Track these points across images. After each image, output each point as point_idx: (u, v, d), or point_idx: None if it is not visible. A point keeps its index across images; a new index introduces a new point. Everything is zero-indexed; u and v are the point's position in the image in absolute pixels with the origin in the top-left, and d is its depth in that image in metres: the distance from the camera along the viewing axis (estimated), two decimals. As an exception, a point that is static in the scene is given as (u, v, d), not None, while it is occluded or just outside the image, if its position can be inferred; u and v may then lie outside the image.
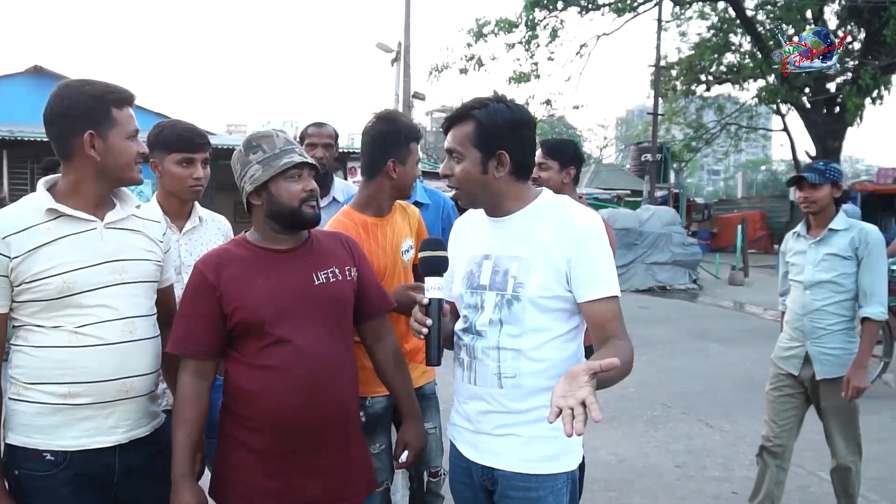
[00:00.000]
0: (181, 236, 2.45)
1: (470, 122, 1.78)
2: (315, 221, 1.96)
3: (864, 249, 3.06)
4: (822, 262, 3.12)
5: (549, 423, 1.69)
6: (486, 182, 1.79)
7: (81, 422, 1.79)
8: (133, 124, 1.86)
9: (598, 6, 19.82)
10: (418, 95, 17.86)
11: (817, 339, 3.14)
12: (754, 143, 39.05)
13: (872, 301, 3.06)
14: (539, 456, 1.77)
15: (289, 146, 1.94)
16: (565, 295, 1.75)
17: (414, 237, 2.59)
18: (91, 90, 1.81)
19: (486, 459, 1.83)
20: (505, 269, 1.79)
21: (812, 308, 3.15)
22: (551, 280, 1.74)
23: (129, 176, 1.88)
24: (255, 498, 1.87)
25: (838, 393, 3.08)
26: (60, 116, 1.80)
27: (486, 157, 1.77)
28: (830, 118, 18.48)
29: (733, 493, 4.01)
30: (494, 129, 1.76)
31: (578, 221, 1.76)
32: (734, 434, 5.03)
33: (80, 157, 1.81)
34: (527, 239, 1.78)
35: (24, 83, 17.51)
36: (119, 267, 1.84)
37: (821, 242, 3.15)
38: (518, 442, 1.78)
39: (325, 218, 3.10)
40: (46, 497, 1.78)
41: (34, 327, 1.78)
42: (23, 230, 1.74)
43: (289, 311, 1.87)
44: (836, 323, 3.13)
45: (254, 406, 1.86)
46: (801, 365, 3.20)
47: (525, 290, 1.75)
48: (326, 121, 3.40)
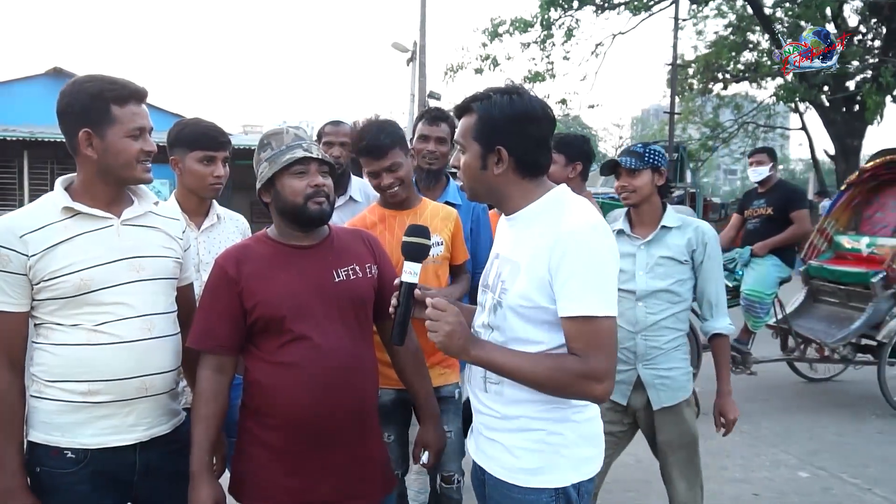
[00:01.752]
0: (199, 234, 2.46)
1: (472, 114, 1.70)
2: (321, 218, 1.91)
3: (702, 252, 2.61)
4: (655, 268, 2.60)
5: (531, 435, 1.66)
6: (486, 177, 1.70)
7: (101, 420, 1.79)
8: (137, 121, 1.81)
9: (613, 5, 19.70)
10: (434, 95, 17.85)
11: (651, 360, 2.59)
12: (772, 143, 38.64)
13: (719, 313, 2.66)
14: (521, 467, 1.68)
15: (296, 142, 1.91)
16: (548, 307, 1.60)
17: (448, 235, 2.60)
18: (90, 87, 1.78)
19: (480, 459, 1.81)
20: (500, 271, 1.72)
21: (647, 324, 2.58)
22: (532, 289, 1.60)
23: (130, 175, 1.83)
24: (273, 495, 1.87)
25: (679, 424, 2.67)
26: (62, 114, 1.80)
27: (486, 152, 1.67)
28: (850, 116, 18.25)
29: (754, 495, 3.96)
30: (493, 123, 1.65)
31: (564, 227, 1.59)
32: (753, 435, 4.97)
33: (82, 156, 1.80)
34: (523, 241, 1.68)
35: (43, 84, 17.74)
36: (136, 264, 1.84)
37: (652, 243, 2.63)
38: (502, 449, 1.72)
39: (342, 216, 3.12)
40: (66, 494, 1.78)
41: (54, 325, 1.78)
42: (40, 228, 1.75)
43: (308, 308, 1.86)
44: (672, 340, 2.61)
45: (272, 403, 1.86)
46: (630, 392, 2.64)
47: (507, 297, 1.66)
48: (343, 119, 3.41)
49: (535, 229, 1.66)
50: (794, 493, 4.00)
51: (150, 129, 1.87)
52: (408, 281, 1.73)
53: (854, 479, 4.18)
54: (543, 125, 1.70)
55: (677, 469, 2.72)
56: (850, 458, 4.53)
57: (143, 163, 1.84)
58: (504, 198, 1.73)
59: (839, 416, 5.43)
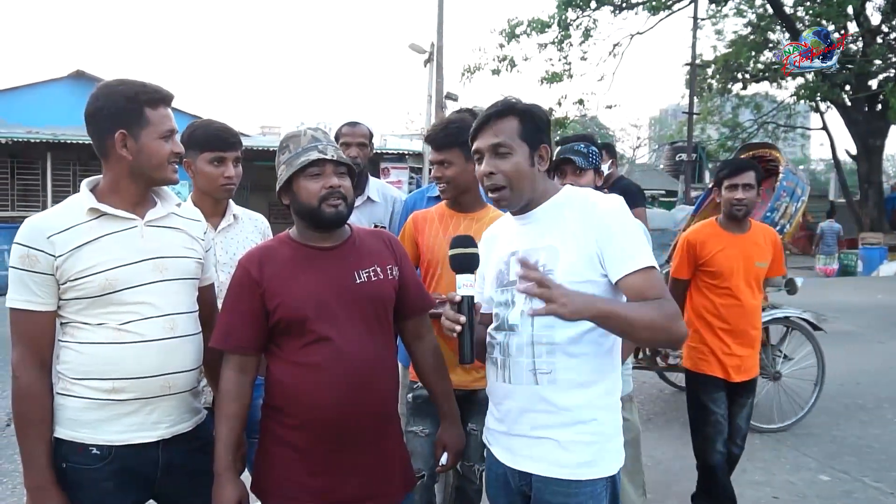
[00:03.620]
0: (216, 234, 2.49)
1: (514, 116, 1.79)
2: (337, 220, 1.91)
3: None
4: None
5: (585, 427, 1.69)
6: (534, 176, 1.81)
7: (126, 417, 1.82)
8: (167, 124, 1.86)
9: (632, 5, 19.63)
10: (451, 96, 17.84)
11: None
12: (792, 143, 38.18)
13: None
14: (576, 461, 1.73)
15: (312, 144, 1.91)
16: (598, 280, 1.72)
17: None
18: (124, 90, 1.82)
19: (522, 464, 1.80)
20: (534, 260, 1.74)
21: None
22: (581, 264, 1.72)
23: (161, 176, 1.88)
24: (296, 494, 1.88)
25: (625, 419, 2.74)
26: (95, 116, 1.83)
27: (533, 151, 1.80)
28: (872, 116, 18.04)
29: (774, 499, 3.92)
30: (539, 123, 1.81)
31: (601, 205, 1.76)
32: (775, 437, 4.93)
33: (115, 157, 1.84)
34: (552, 229, 1.79)
35: (66, 87, 17.97)
36: (160, 264, 1.87)
37: None
38: (554, 446, 1.74)
39: (359, 217, 3.13)
40: (91, 490, 1.81)
41: (80, 324, 1.81)
42: (66, 229, 1.78)
43: (329, 309, 1.87)
44: None
45: (294, 403, 1.87)
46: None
47: (554, 276, 1.69)
48: (360, 120, 3.41)
49: (570, 215, 1.78)
50: (815, 497, 3.96)
51: (176, 132, 1.92)
52: (466, 294, 1.75)
53: (876, 483, 4.13)
54: None
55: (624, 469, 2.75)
56: (871, 462, 4.47)
57: (173, 164, 1.90)
58: (540, 194, 1.84)
59: (860, 419, 5.37)
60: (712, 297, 3.32)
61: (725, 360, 3.29)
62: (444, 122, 2.67)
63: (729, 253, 3.28)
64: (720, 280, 3.28)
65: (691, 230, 3.47)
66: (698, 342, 3.34)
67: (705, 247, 3.32)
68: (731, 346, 3.29)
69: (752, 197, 3.26)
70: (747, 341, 3.32)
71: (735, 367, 3.30)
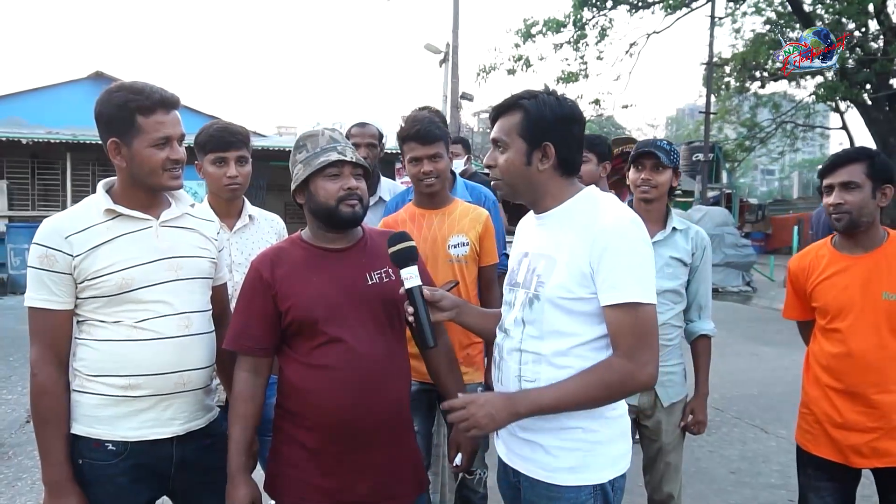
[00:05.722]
0: (231, 235, 2.51)
1: (518, 111, 1.73)
2: (353, 221, 1.93)
3: (700, 255, 2.64)
4: (665, 268, 2.56)
5: (569, 434, 1.69)
6: (529, 174, 1.74)
7: (141, 413, 1.85)
8: (161, 132, 1.82)
9: (648, 4, 19.49)
10: (466, 96, 17.85)
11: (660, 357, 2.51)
12: (811, 143, 37.77)
13: (706, 315, 2.71)
14: (561, 466, 1.70)
15: (331, 144, 1.93)
16: (589, 297, 1.64)
17: (475, 235, 2.65)
18: (116, 98, 1.82)
19: (514, 462, 1.81)
20: (534, 266, 1.74)
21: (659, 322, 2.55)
22: (573, 281, 1.65)
23: (157, 182, 1.87)
24: (308, 495, 1.89)
25: (675, 422, 2.69)
26: (96, 122, 1.86)
27: (531, 148, 1.72)
28: (893, 115, 17.78)
29: (790, 502, 3.89)
30: (542, 121, 1.71)
31: (603, 221, 1.65)
32: (790, 440, 4.85)
33: (115, 163, 1.87)
34: (557, 236, 1.73)
35: (86, 88, 18.24)
36: (174, 264, 1.89)
37: (663, 244, 2.59)
38: (540, 450, 1.73)
39: (371, 217, 3.15)
40: (106, 485, 1.84)
41: (96, 322, 1.84)
42: (84, 230, 1.81)
43: (341, 311, 1.88)
44: (674, 337, 2.65)
45: (307, 404, 1.88)
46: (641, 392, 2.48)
47: (544, 289, 1.68)
48: (370, 120, 3.43)
49: (573, 225, 1.70)
50: (831, 500, 3.91)
51: (181, 137, 1.89)
52: (411, 286, 1.80)
53: None
54: (582, 127, 1.79)
55: (668, 474, 2.72)
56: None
57: (170, 170, 1.87)
58: (543, 195, 1.77)
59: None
60: (823, 343, 2.45)
61: (836, 434, 2.38)
62: (424, 118, 2.65)
63: (837, 281, 2.39)
64: (828, 320, 2.42)
65: (798, 254, 2.64)
66: (804, 406, 2.55)
67: (811, 274, 2.49)
68: (845, 415, 2.36)
69: (857, 200, 2.29)
70: (873, 410, 2.31)
71: (854, 448, 2.35)
